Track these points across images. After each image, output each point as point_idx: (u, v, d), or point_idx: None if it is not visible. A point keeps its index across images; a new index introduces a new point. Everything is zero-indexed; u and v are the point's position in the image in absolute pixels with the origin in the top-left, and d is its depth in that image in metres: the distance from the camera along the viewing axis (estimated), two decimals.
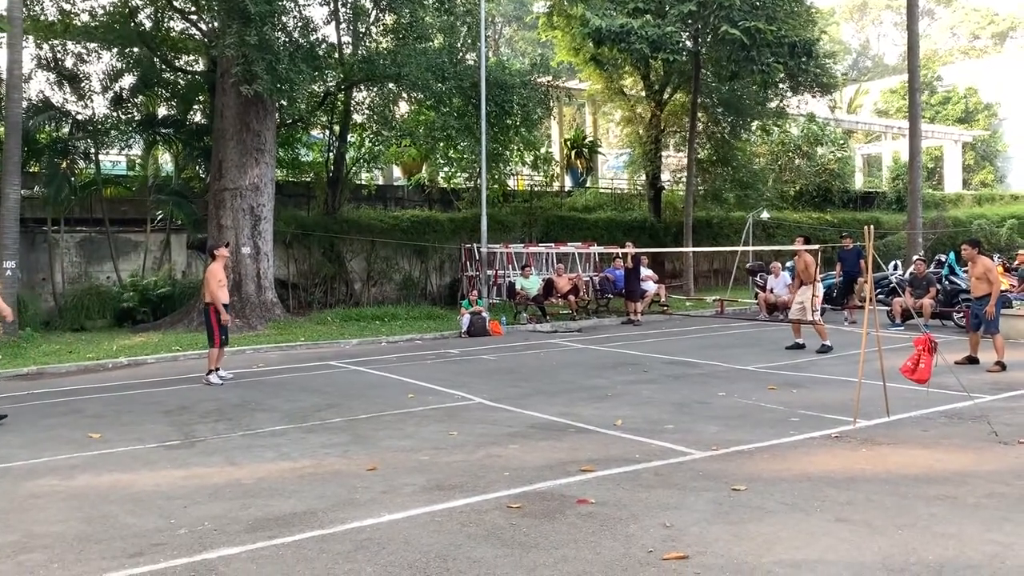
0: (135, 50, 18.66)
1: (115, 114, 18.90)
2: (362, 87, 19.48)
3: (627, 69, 24.78)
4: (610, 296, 18.98)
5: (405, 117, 20.96)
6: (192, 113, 20.50)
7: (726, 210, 26.80)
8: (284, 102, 16.70)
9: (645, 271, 18.56)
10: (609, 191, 30.17)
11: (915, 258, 17.73)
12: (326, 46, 17.58)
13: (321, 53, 16.86)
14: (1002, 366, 10.24)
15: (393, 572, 4.22)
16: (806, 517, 4.92)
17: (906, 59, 25.19)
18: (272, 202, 17.27)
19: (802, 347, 12.61)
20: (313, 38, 16.71)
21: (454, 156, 21.02)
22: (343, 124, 20.31)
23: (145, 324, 16.63)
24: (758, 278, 18.89)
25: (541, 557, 4.36)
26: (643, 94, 25.58)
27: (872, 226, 7.94)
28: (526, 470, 6.06)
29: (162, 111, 20.23)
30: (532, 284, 17.85)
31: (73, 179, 17.98)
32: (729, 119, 25.19)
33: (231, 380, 10.63)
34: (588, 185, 29.89)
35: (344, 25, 19.07)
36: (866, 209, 34.04)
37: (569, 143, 30.60)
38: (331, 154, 20.81)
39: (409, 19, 17.33)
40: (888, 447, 6.58)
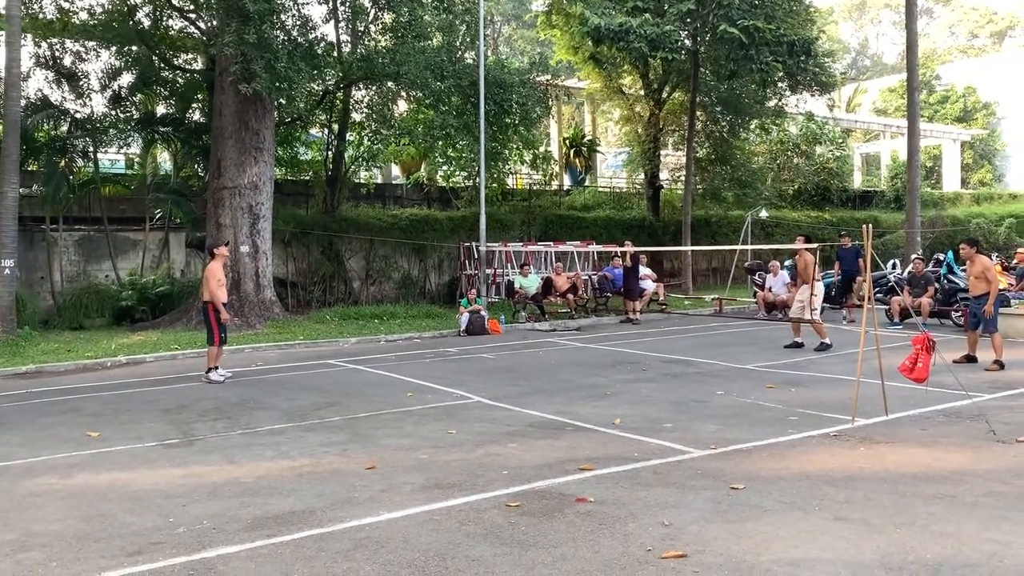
0: (134, 48, 18.65)
1: (114, 112, 18.90)
2: (361, 85, 19.48)
3: (626, 68, 24.82)
4: (609, 295, 18.98)
5: (404, 116, 20.97)
6: (191, 111, 20.50)
7: (725, 209, 26.83)
8: (283, 100, 16.72)
9: (644, 270, 18.57)
10: (608, 190, 30.19)
11: (913, 257, 17.76)
12: (325, 44, 17.58)
13: (320, 52, 16.86)
14: (1000, 365, 10.26)
15: (392, 571, 4.22)
16: (804, 516, 4.93)
17: (905, 58, 25.19)
18: (271, 200, 17.26)
19: (800, 346, 12.62)
20: (312, 36, 16.70)
21: (453, 155, 21.04)
22: (342, 123, 20.31)
23: (144, 323, 16.63)
24: (757, 277, 18.89)
25: (540, 556, 4.37)
26: (642, 93, 25.59)
27: (870, 225, 7.94)
28: (525, 469, 6.06)
29: (161, 109, 20.21)
30: (531, 283, 17.85)
31: (71, 177, 17.97)
32: (728, 118, 25.21)
33: (230, 379, 10.63)
34: (587, 184, 29.88)
35: (343, 23, 19.06)
36: (864, 208, 34.06)
37: (568, 142, 30.59)
38: (330, 153, 20.80)
39: (408, 17, 17.34)
40: (886, 446, 6.59)
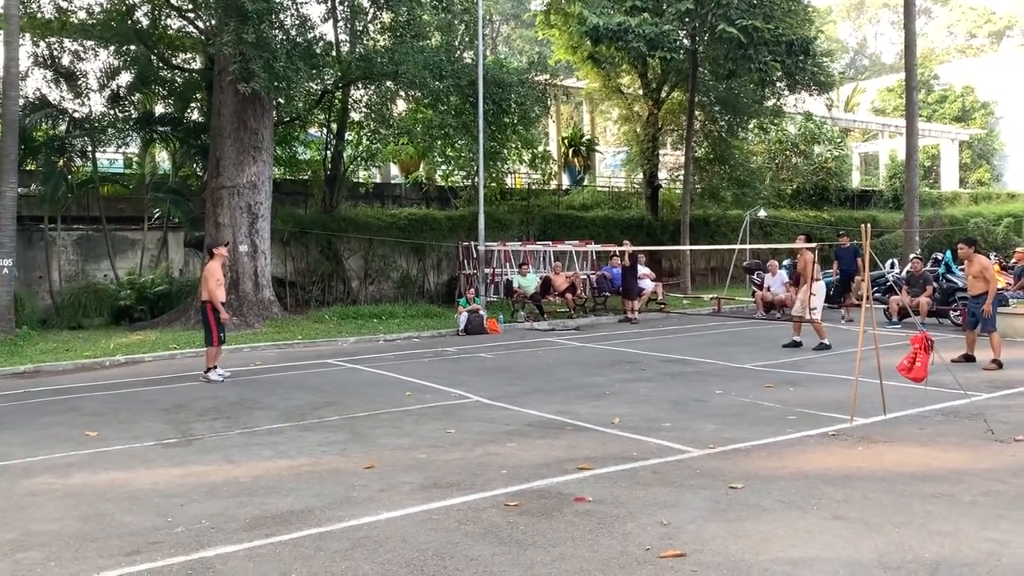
0: (132, 48, 18.62)
1: (112, 112, 18.87)
2: (360, 85, 19.46)
3: (624, 67, 24.81)
4: (607, 294, 18.97)
5: (403, 115, 20.97)
6: (189, 111, 20.49)
7: (723, 208, 26.83)
8: (281, 100, 16.71)
9: (642, 269, 18.57)
10: (606, 189, 30.20)
11: (912, 256, 17.78)
12: (324, 44, 17.57)
13: (319, 51, 16.85)
14: (999, 364, 10.27)
15: (391, 570, 4.22)
16: (803, 515, 4.94)
17: (903, 58, 25.17)
18: (270, 200, 17.25)
19: (799, 345, 12.63)
20: (311, 36, 16.69)
21: (452, 154, 21.04)
22: (341, 122, 20.30)
23: (142, 322, 16.61)
24: (755, 276, 18.90)
25: (538, 555, 4.37)
26: (640, 92, 25.58)
27: (869, 224, 7.95)
28: (523, 468, 6.06)
29: (159, 109, 20.20)
30: (529, 282, 17.84)
31: (70, 177, 17.95)
32: (726, 117, 25.21)
33: (229, 378, 10.63)
34: (585, 183, 29.89)
35: (342, 23, 19.05)
36: (863, 207, 34.09)
37: (567, 141, 30.59)
38: (329, 152, 20.79)
39: (407, 17, 17.34)
40: (885, 445, 6.60)
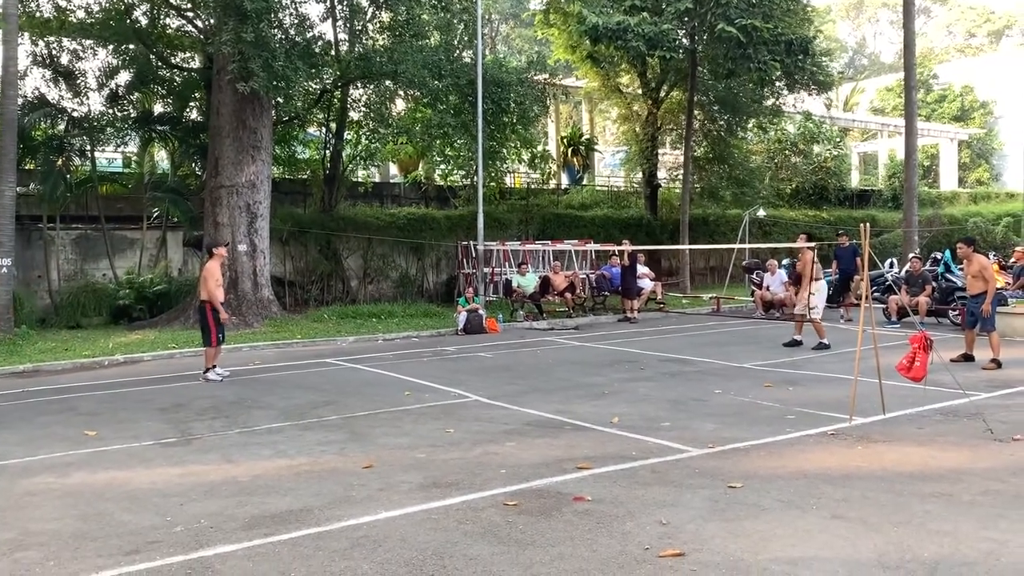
0: (131, 47, 18.62)
1: (111, 111, 18.86)
2: (359, 84, 19.45)
3: (624, 67, 24.80)
4: (606, 293, 18.97)
5: (402, 114, 20.96)
6: (188, 110, 20.49)
7: (722, 208, 26.83)
8: (280, 99, 16.69)
9: (641, 268, 18.58)
10: (606, 189, 30.20)
11: (911, 256, 17.78)
12: (322, 43, 17.57)
13: (317, 50, 16.85)
14: (998, 364, 10.28)
15: (390, 570, 4.22)
16: (802, 514, 4.94)
17: (902, 57, 25.18)
18: (268, 199, 17.24)
19: (799, 344, 12.64)
20: (310, 35, 16.69)
21: (451, 153, 21.03)
22: (340, 121, 20.29)
23: (141, 321, 16.60)
24: (754, 276, 18.91)
25: (537, 554, 4.37)
26: (640, 92, 25.58)
27: (868, 224, 7.95)
28: (522, 467, 6.06)
29: (158, 108, 20.19)
30: (528, 282, 17.84)
31: (69, 176, 17.93)
32: (725, 117, 25.20)
33: (228, 377, 10.62)
34: (585, 183, 29.90)
35: (341, 22, 19.05)
36: (862, 207, 34.10)
37: (566, 141, 30.59)
38: (327, 151, 20.78)
39: (406, 16, 17.33)
40: (884, 444, 6.60)
